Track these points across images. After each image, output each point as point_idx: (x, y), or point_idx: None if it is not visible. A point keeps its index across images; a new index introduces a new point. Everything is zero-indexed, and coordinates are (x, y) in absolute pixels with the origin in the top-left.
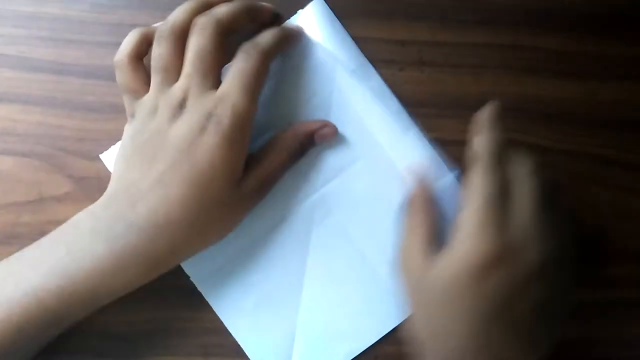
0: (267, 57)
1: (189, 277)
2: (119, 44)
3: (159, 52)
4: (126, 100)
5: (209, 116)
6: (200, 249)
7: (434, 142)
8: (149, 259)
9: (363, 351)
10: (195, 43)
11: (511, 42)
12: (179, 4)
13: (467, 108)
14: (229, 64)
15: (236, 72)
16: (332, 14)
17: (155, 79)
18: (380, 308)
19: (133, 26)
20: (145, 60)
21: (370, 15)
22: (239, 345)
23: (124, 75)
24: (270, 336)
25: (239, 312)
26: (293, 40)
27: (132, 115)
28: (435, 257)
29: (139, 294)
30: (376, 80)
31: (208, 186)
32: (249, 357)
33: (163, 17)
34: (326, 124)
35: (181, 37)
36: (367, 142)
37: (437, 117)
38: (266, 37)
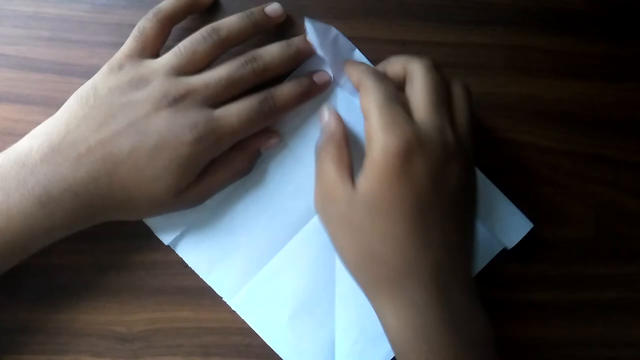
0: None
1: (227, 301)
2: (119, 44)
3: (201, 46)
4: (133, 49)
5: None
6: (119, 217)
7: None
8: (76, 219)
9: None
10: (230, 70)
11: (511, 42)
12: None
13: None
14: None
15: (250, 107)
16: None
17: (175, 61)
18: None
19: (133, 26)
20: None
21: (371, 15)
22: (240, 345)
23: (162, 28)
24: (311, 345)
25: (276, 325)
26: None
27: (122, 67)
28: (356, 180)
29: (139, 294)
30: None
31: (156, 182)
32: None
33: None
34: (270, 135)
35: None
36: None
37: None
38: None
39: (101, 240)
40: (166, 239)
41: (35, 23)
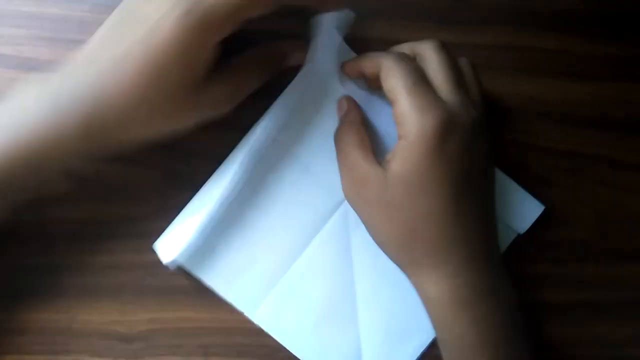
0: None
1: (243, 313)
2: None
3: None
4: None
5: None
6: (146, 133)
7: None
8: (90, 127)
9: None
10: None
11: (511, 42)
12: None
13: None
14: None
15: None
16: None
17: None
18: None
19: None
20: None
21: (371, 15)
22: (240, 345)
23: None
24: (338, 350)
25: (301, 335)
26: None
27: None
28: (386, 163)
29: (139, 294)
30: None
31: (160, 71)
32: None
33: None
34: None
35: None
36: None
37: None
38: None
39: (102, 240)
40: (180, 261)
41: (36, 23)
